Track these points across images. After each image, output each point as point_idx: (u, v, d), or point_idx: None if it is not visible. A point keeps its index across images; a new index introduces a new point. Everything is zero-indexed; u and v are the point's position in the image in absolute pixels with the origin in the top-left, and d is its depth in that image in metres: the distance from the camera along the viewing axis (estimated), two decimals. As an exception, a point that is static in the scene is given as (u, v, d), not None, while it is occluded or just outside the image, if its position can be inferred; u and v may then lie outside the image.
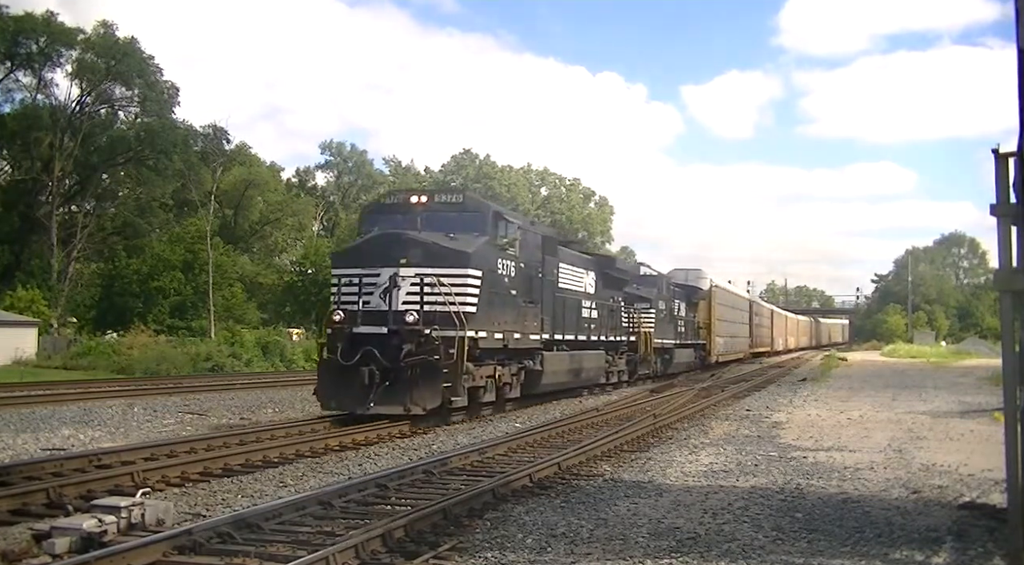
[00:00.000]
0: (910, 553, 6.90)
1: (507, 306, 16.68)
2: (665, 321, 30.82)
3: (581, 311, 21.69)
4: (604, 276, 24.25)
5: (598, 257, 26.30)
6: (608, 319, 24.14)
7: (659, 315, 29.62)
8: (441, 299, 14.56)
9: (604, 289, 23.99)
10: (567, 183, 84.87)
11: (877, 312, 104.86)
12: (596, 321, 22.89)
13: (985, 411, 18.17)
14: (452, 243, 15.32)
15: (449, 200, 16.83)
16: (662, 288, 31.14)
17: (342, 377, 14.34)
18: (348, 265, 15.52)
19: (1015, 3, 6.31)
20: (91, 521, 6.57)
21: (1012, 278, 6.56)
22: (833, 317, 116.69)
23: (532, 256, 18.15)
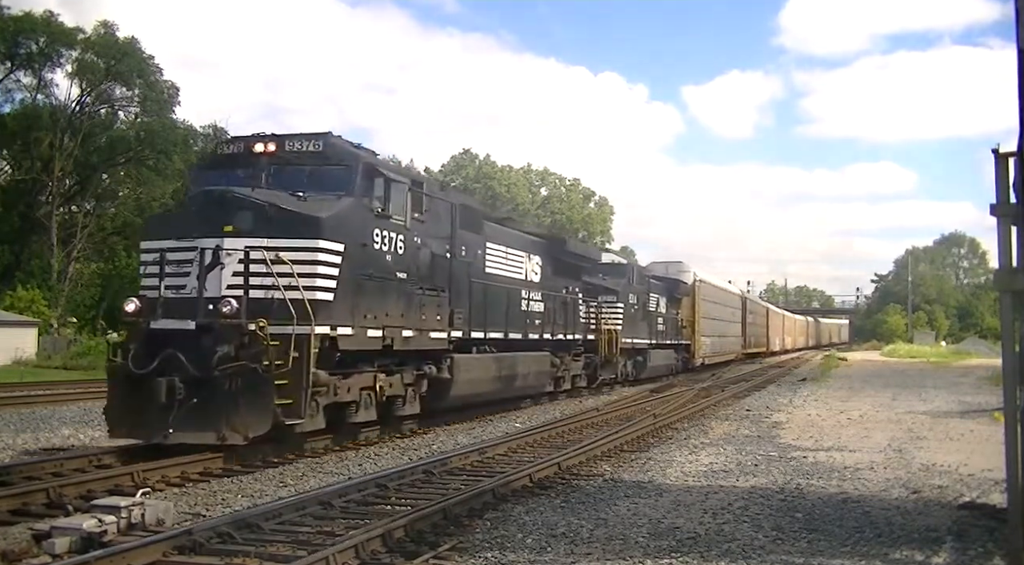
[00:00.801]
0: (910, 553, 6.90)
1: (389, 293, 12.53)
2: (637, 317, 27.16)
3: (519, 303, 17.98)
4: (554, 262, 20.38)
5: (547, 239, 21.50)
6: (559, 314, 20.34)
7: (629, 310, 26.09)
8: (281, 282, 10.49)
9: (554, 277, 20.23)
10: (567, 183, 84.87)
11: (877, 312, 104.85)
12: (541, 316, 19.23)
13: (985, 411, 18.17)
14: (299, 205, 11.21)
15: (305, 148, 12.04)
16: (633, 279, 27.33)
17: (136, 392, 10.27)
18: (156, 236, 11.32)
19: (1015, 3, 6.31)
20: (91, 521, 6.57)
21: (1012, 278, 6.56)
22: (833, 317, 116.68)
23: (438, 229, 14.17)
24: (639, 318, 27.51)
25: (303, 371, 10.49)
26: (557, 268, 20.53)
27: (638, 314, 27.45)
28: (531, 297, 18.70)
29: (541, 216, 74.53)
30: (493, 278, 16.73)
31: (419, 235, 13.42)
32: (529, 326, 18.56)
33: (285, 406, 10.32)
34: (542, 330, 19.27)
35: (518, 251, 18.41)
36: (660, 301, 30.84)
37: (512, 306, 17.60)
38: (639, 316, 27.55)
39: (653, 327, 29.47)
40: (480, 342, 16.12)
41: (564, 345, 20.94)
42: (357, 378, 12.13)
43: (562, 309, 20.75)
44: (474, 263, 15.78)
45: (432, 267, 13.87)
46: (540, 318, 19.21)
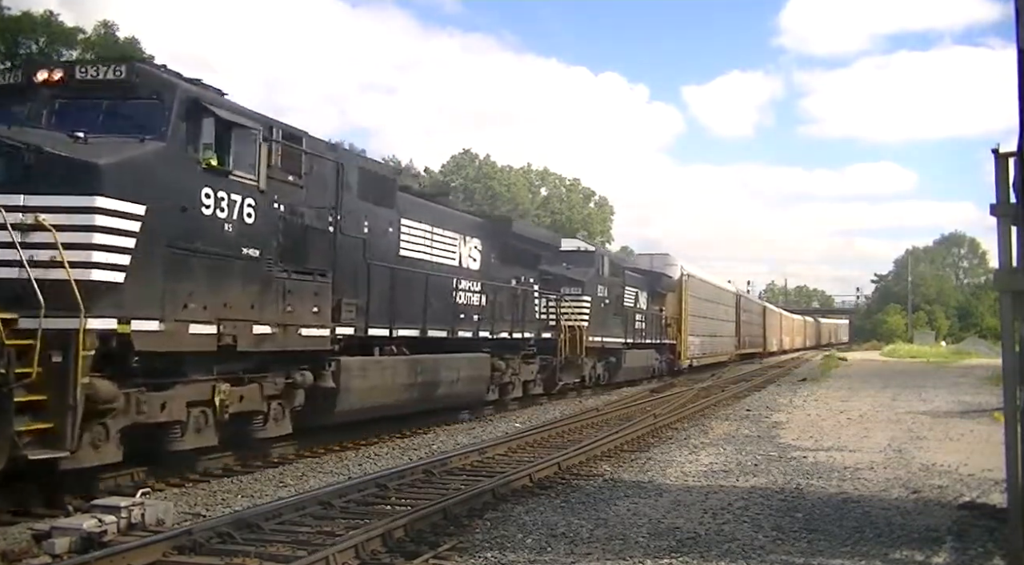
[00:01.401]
0: (910, 553, 6.91)
1: (230, 276, 9.49)
2: (608, 313, 24.04)
3: (449, 295, 15.06)
4: (501, 248, 17.59)
5: (489, 220, 18.75)
6: (506, 308, 17.45)
7: (598, 305, 23.07)
8: (40, 256, 7.62)
9: (500, 265, 17.44)
10: (567, 183, 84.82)
11: (877, 312, 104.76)
12: (481, 310, 16.32)
13: (985, 411, 18.16)
14: (73, 149, 8.08)
15: (103, 76, 9.02)
16: (603, 269, 24.06)
17: None
18: None
19: (1015, 3, 6.31)
20: (91, 521, 6.58)
21: (1012, 278, 6.57)
22: (833, 317, 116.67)
23: (322, 198, 11.15)
24: (611, 314, 24.42)
25: (68, 383, 7.47)
26: (504, 255, 17.71)
27: (610, 309, 24.31)
28: (466, 288, 15.68)
29: (541, 216, 74.51)
30: (410, 263, 13.65)
31: (285, 202, 10.34)
32: (462, 322, 15.44)
33: (40, 432, 7.32)
34: (478, 327, 16.09)
35: (449, 232, 15.35)
36: (640, 296, 28.12)
37: (437, 298, 14.41)
38: (611, 311, 24.43)
39: (630, 324, 26.41)
40: (388, 341, 12.93)
41: (511, 345, 17.88)
42: (180, 390, 9.01)
43: (511, 303, 17.80)
44: (380, 243, 12.73)
45: (307, 244, 10.66)
46: (479, 313, 16.21)
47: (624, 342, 25.72)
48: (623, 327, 25.64)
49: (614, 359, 25.01)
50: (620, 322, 25.41)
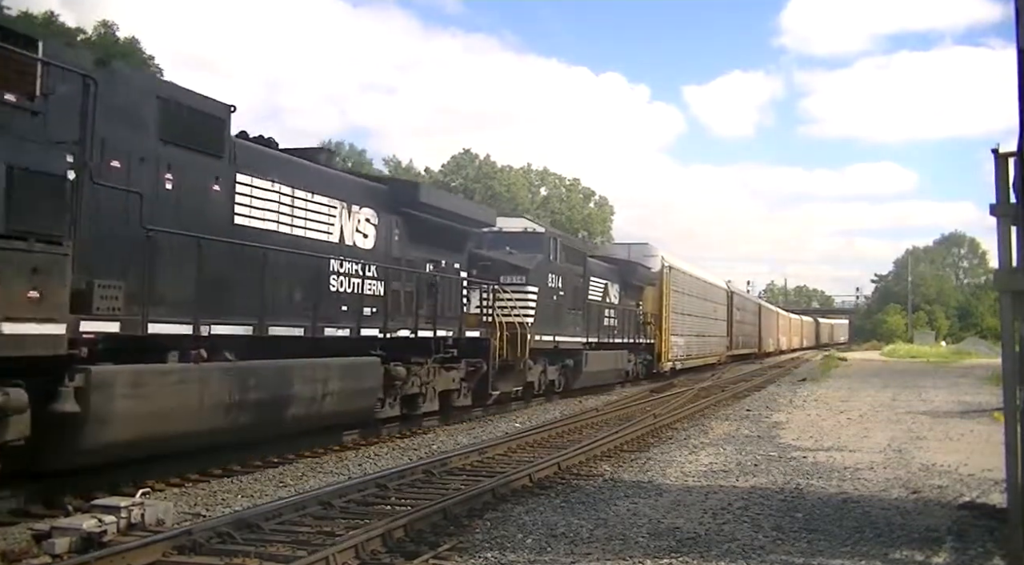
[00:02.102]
0: (910, 553, 6.91)
1: None
2: (562, 308, 20.44)
3: (324, 281, 11.67)
4: (409, 222, 13.92)
5: (392, 185, 14.32)
6: (415, 300, 13.86)
7: (548, 297, 19.53)
8: None
9: (410, 245, 13.97)
10: (567, 183, 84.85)
11: (877, 312, 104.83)
12: (376, 302, 12.76)
13: (985, 411, 18.17)
14: None
15: None
16: (555, 255, 20.25)
17: None
18: None
19: (1015, 3, 6.31)
20: (91, 521, 6.57)
21: (1012, 278, 6.57)
22: (833, 317, 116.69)
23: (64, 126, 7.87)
24: (567, 309, 20.76)
25: None
26: (415, 231, 14.10)
27: (565, 303, 20.63)
28: (350, 272, 12.25)
29: (541, 216, 74.53)
30: (249, 235, 10.31)
31: None
32: (343, 317, 12.01)
33: None
34: (361, 323, 12.27)
35: (324, 199, 11.81)
36: (610, 289, 24.72)
37: (297, 284, 11.13)
38: (567, 306, 20.76)
39: (595, 321, 22.79)
40: (196, 343, 9.24)
41: (419, 347, 14.03)
42: None
43: (426, 292, 14.24)
44: (193, 203, 9.48)
45: (22, 194, 7.19)
46: (373, 305, 12.64)
47: (586, 342, 21.97)
48: (584, 324, 21.94)
49: (572, 362, 21.33)
50: (580, 318, 21.73)
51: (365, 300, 12.56)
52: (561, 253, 20.85)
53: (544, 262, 19.69)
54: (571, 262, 21.58)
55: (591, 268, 23.42)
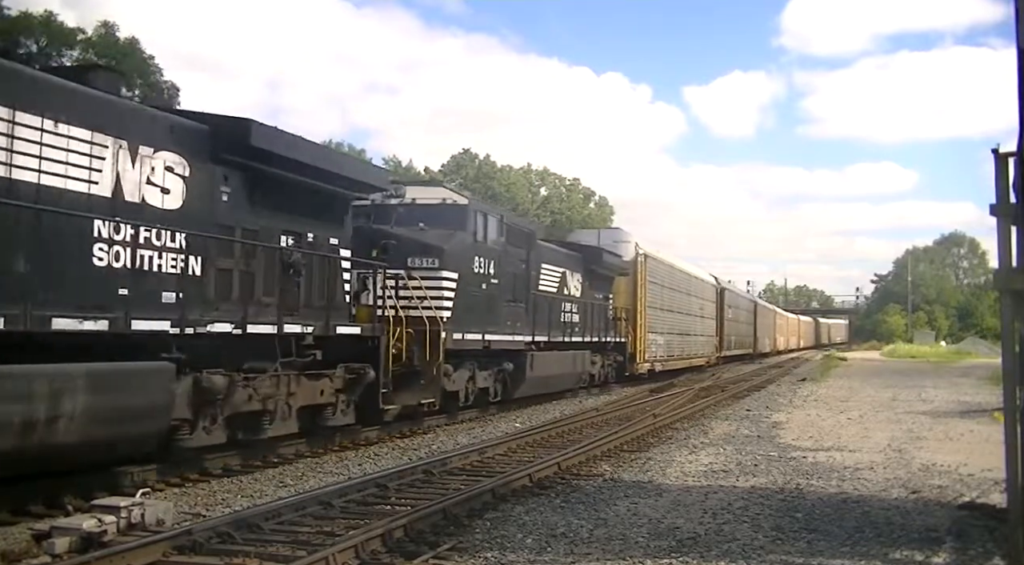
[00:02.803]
0: (910, 553, 6.91)
1: None
2: (496, 299, 16.65)
3: (80, 251, 8.14)
4: (245, 175, 10.37)
5: (202, 118, 9.98)
6: (256, 284, 10.51)
7: (475, 286, 15.70)
8: None
9: (249, 209, 10.44)
10: (567, 183, 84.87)
11: (877, 312, 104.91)
12: (184, 284, 9.25)
13: (985, 411, 18.18)
14: None
15: None
16: (483, 233, 16.21)
17: None
18: None
19: (1015, 3, 6.31)
20: (91, 521, 6.57)
21: (1012, 278, 6.57)
22: (833, 317, 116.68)
23: None
24: (504, 300, 17.04)
25: None
26: (257, 190, 10.54)
27: (501, 293, 16.88)
28: (127, 239, 8.60)
29: (541, 216, 74.52)
30: None
31: None
32: (113, 303, 8.34)
33: None
34: (129, 313, 8.39)
35: (80, 132, 8.25)
36: (569, 278, 21.15)
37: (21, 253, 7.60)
38: (504, 296, 17.00)
39: (545, 316, 19.14)
40: None
41: (256, 349, 10.28)
42: None
43: (278, 274, 10.76)
44: None
45: None
46: (176, 288, 9.16)
47: (531, 341, 18.30)
48: (530, 319, 18.33)
49: (511, 366, 17.46)
50: (524, 312, 18.07)
51: (162, 281, 8.96)
52: (495, 232, 16.76)
53: (467, 242, 15.59)
54: (512, 244, 17.71)
55: (543, 253, 19.77)
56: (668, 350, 30.24)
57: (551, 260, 20.44)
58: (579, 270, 22.19)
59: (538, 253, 19.47)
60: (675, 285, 31.77)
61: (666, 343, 29.95)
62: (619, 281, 26.01)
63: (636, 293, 26.88)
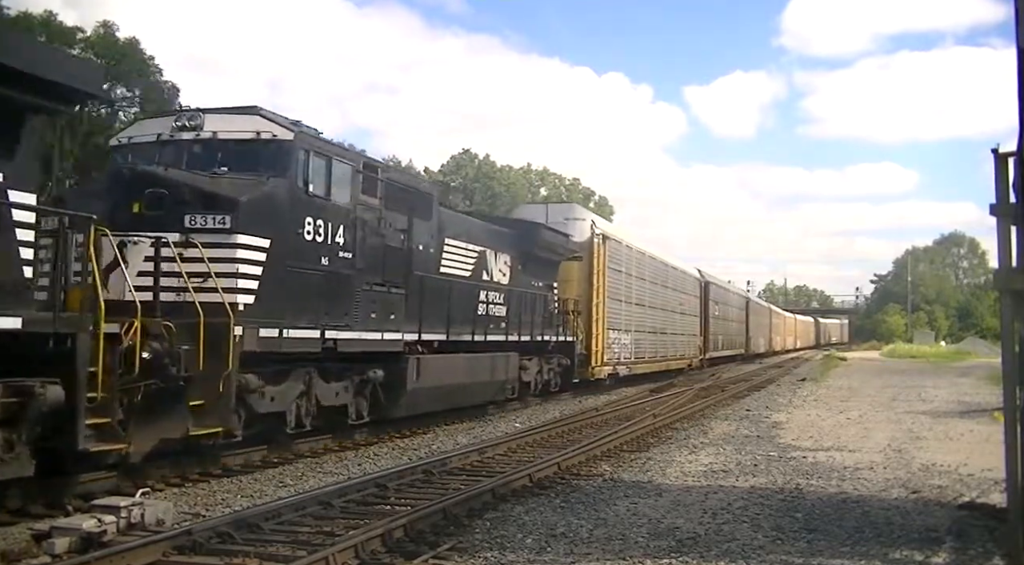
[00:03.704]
0: (910, 553, 6.91)
1: None
2: (348, 282, 11.78)
3: None
4: None
5: None
6: None
7: (299, 258, 10.78)
8: None
9: None
10: (567, 183, 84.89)
11: (877, 312, 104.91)
12: None
13: (985, 411, 18.17)
14: None
15: None
16: (314, 181, 11.09)
17: None
18: None
19: (1015, 3, 6.31)
20: (91, 521, 6.57)
21: (1012, 278, 6.57)
22: (833, 317, 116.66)
23: None
24: (364, 283, 12.09)
25: None
26: None
27: (357, 272, 11.91)
28: None
29: (541, 216, 74.54)
30: None
31: None
32: None
33: None
34: None
35: None
36: (491, 260, 16.81)
37: None
38: (362, 277, 12.03)
39: (444, 307, 14.54)
40: None
41: None
42: None
43: None
44: None
45: None
46: None
47: (416, 340, 13.53)
48: (415, 311, 13.42)
49: (381, 374, 12.69)
50: (403, 301, 13.08)
51: None
52: (346, 185, 11.77)
53: (288, 195, 10.66)
54: (391, 208, 12.82)
55: (449, 225, 15.23)
56: (637, 351, 26.41)
57: (463, 235, 15.71)
58: (508, 250, 17.71)
59: (439, 224, 14.63)
60: (646, 274, 27.90)
61: (634, 342, 26.09)
62: (568, 267, 21.47)
63: (592, 282, 22.44)
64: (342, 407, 12.26)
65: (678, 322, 32.42)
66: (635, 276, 26.62)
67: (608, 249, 23.45)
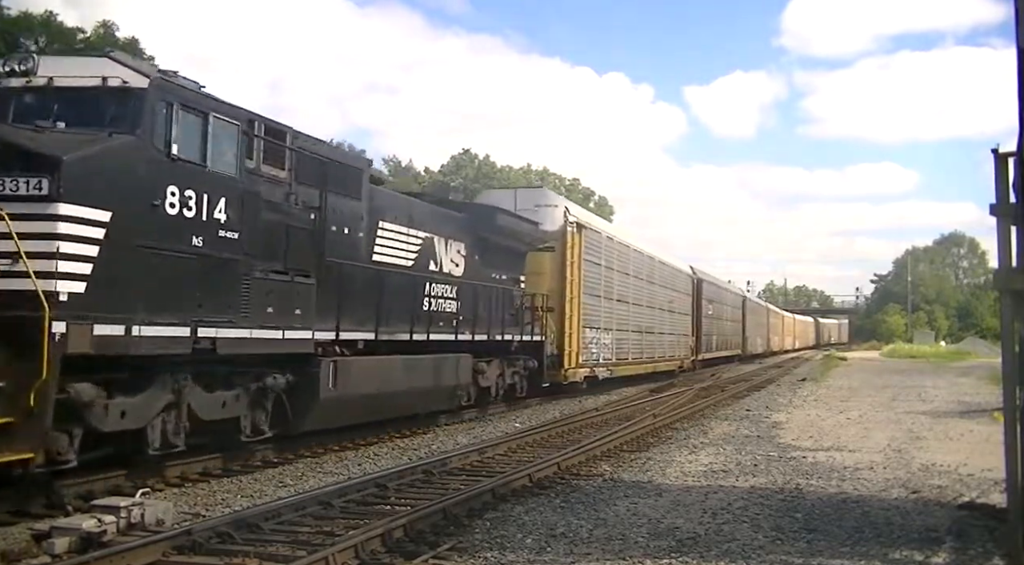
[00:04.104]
0: (910, 553, 6.90)
1: None
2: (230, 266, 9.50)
3: None
4: None
5: None
6: None
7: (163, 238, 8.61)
8: None
9: None
10: (567, 183, 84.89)
11: (877, 312, 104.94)
12: None
13: (985, 411, 18.17)
14: None
15: None
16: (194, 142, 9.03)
17: None
18: None
19: (1015, 3, 6.31)
20: (91, 521, 6.56)
21: (1012, 278, 6.57)
22: (833, 317, 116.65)
23: None
24: (259, 271, 9.98)
25: None
26: None
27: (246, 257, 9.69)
28: None
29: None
30: None
31: None
32: None
33: None
34: None
35: None
36: (440, 248, 14.80)
37: None
38: (253, 263, 9.84)
39: (373, 300, 12.39)
40: None
41: None
42: None
43: None
44: None
45: None
46: None
47: (331, 341, 11.43)
48: (331, 303, 11.27)
49: (284, 380, 10.61)
50: (312, 292, 10.89)
51: None
52: (229, 146, 9.68)
53: (139, 154, 8.52)
54: (305, 182, 10.91)
55: (384, 205, 13.10)
56: (619, 351, 24.63)
57: (403, 218, 13.58)
58: (462, 238, 15.71)
59: (372, 205, 12.60)
60: (630, 269, 26.09)
61: (615, 342, 24.28)
62: (538, 259, 19.60)
63: (566, 275, 20.39)
64: (232, 420, 10.09)
65: (667, 321, 30.78)
66: (617, 270, 24.72)
67: (585, 239, 21.52)
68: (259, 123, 10.27)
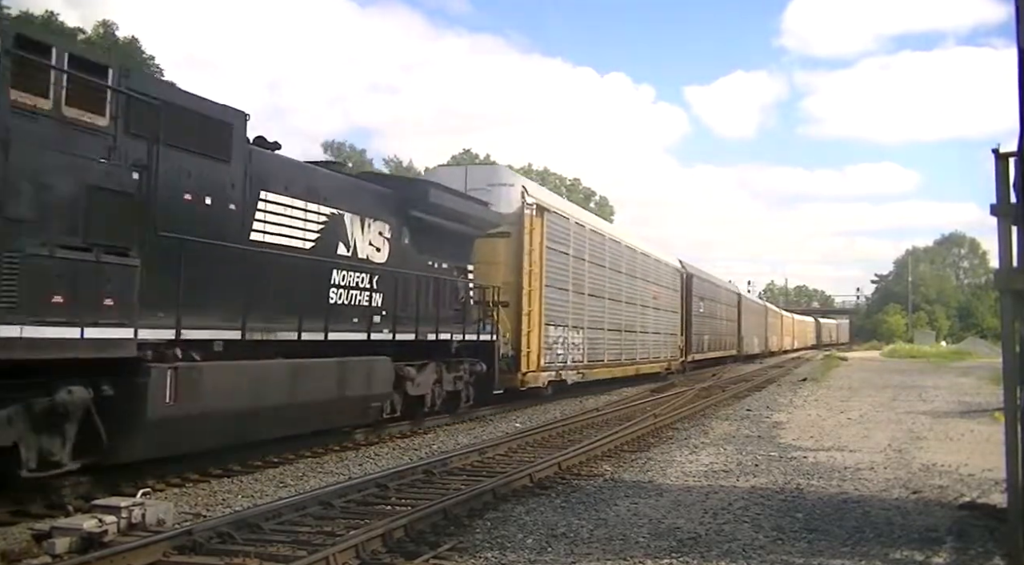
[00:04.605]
0: (910, 553, 6.90)
1: None
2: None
3: None
4: None
5: None
6: None
7: None
8: None
9: None
10: (567, 183, 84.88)
11: (877, 312, 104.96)
12: None
13: (985, 411, 18.17)
14: None
15: None
16: None
17: None
18: None
19: (1016, 3, 6.32)
20: (91, 521, 6.56)
21: (1012, 278, 6.57)
22: (833, 317, 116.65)
23: None
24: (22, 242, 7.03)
25: None
26: None
27: (13, 224, 7.01)
28: None
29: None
30: None
31: None
32: None
33: None
34: None
35: None
36: (352, 228, 12.25)
37: None
38: (25, 232, 7.10)
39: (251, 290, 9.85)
40: None
41: None
42: None
43: None
44: None
45: None
46: None
47: (169, 341, 8.66)
48: (169, 292, 8.63)
49: (84, 393, 7.82)
50: (124, 278, 7.97)
51: None
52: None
53: None
54: (140, 134, 8.39)
55: (269, 172, 10.61)
56: (592, 352, 22.12)
57: (298, 190, 11.16)
58: (385, 217, 13.17)
59: (250, 170, 10.12)
60: (606, 260, 23.50)
61: (588, 343, 21.73)
62: (491, 246, 17.25)
63: (523, 265, 17.85)
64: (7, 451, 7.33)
65: (651, 319, 28.10)
66: (590, 261, 22.03)
67: (547, 224, 18.83)
68: (58, 51, 7.61)
